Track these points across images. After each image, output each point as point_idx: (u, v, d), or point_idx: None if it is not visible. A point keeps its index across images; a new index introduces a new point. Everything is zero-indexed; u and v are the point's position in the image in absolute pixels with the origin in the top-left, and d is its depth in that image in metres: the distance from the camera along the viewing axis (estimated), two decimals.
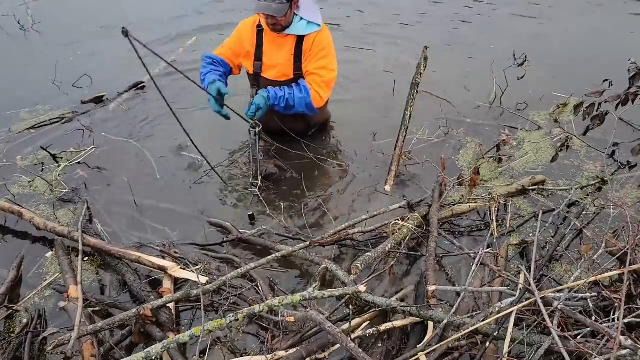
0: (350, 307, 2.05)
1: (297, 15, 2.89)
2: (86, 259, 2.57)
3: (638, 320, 1.74)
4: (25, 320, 2.23)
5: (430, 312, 1.94)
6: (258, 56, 3.00)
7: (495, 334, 1.79)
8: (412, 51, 4.37)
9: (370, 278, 2.33)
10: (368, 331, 2.01)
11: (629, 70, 2.65)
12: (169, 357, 2.00)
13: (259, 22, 2.96)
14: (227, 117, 2.86)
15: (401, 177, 3.11)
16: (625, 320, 1.69)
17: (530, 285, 1.71)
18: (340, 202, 2.99)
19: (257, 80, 3.09)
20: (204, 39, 4.85)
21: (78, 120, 3.68)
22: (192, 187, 3.09)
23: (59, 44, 4.83)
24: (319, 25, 2.92)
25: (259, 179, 2.90)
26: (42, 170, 3.18)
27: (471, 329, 1.78)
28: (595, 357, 1.60)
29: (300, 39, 2.91)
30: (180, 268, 2.36)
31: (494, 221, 2.64)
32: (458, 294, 2.04)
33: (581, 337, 1.78)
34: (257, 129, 2.83)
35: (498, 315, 1.76)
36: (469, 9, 5.52)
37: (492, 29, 5.08)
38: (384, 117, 3.62)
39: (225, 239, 2.66)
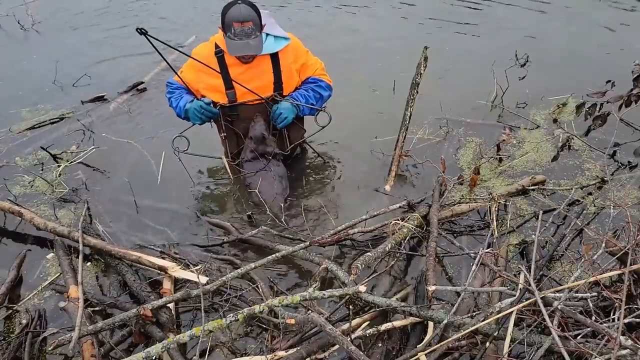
0: (350, 307, 2.05)
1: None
2: (88, 264, 2.56)
3: (638, 320, 1.73)
4: (25, 321, 2.22)
5: (430, 312, 1.94)
6: (228, 85, 2.73)
7: (495, 334, 1.79)
8: (413, 50, 4.36)
9: (370, 278, 2.33)
10: (368, 331, 2.01)
11: (632, 71, 2.65)
12: (169, 357, 2.00)
13: (216, 47, 2.71)
14: (214, 115, 2.78)
15: (401, 177, 3.11)
16: (626, 320, 1.68)
17: (530, 285, 1.71)
18: (340, 202, 2.99)
19: (234, 111, 2.83)
20: (204, 39, 4.84)
21: (78, 120, 3.68)
22: (192, 187, 3.09)
23: (59, 44, 4.83)
24: (287, 38, 2.75)
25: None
26: (43, 170, 3.19)
27: (471, 329, 1.78)
28: (595, 357, 1.59)
29: (274, 55, 2.73)
30: (181, 268, 2.36)
31: (494, 221, 2.64)
32: (458, 294, 2.03)
33: (581, 337, 1.78)
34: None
35: (498, 315, 1.76)
36: (468, 9, 5.52)
37: (492, 28, 5.08)
38: (384, 117, 3.61)
39: (225, 239, 2.66)
